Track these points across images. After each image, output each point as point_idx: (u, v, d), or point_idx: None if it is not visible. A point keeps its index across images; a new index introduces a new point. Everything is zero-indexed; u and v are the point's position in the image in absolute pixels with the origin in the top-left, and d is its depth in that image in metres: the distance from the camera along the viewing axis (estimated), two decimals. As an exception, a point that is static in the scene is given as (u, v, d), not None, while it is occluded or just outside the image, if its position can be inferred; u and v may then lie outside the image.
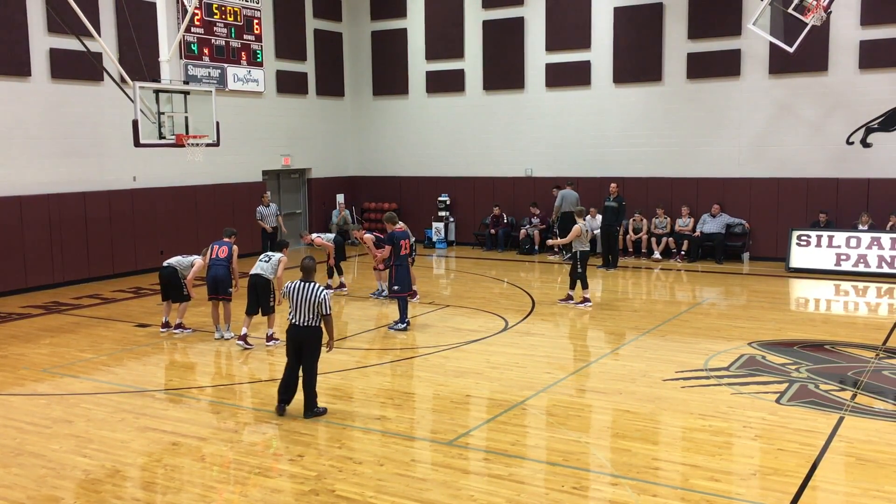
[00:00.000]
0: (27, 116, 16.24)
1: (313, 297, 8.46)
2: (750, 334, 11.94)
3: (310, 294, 8.47)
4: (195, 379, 10.43)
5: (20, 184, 16.13)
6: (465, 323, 13.05)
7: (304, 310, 8.47)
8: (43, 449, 7.81)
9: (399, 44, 23.33)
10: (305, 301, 8.46)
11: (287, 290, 8.64)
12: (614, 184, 18.71)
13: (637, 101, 20.25)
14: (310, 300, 8.46)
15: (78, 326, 13.26)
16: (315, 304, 8.46)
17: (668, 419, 8.41)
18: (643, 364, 10.54)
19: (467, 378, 9.94)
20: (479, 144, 22.42)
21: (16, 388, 9.92)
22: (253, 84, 20.91)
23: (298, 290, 8.53)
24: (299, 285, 8.57)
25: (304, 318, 8.47)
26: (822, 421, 8.21)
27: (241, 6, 20.40)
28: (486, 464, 7.32)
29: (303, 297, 8.47)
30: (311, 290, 8.50)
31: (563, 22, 20.89)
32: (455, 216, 22.90)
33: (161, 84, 14.02)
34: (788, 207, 18.63)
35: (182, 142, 14.10)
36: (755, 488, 6.72)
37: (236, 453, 7.64)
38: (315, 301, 8.46)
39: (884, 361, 10.50)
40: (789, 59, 17.40)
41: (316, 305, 8.46)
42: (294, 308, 8.52)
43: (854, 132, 17.34)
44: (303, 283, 8.58)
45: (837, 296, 15.58)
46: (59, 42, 16.46)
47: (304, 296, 8.47)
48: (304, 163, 23.00)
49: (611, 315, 13.65)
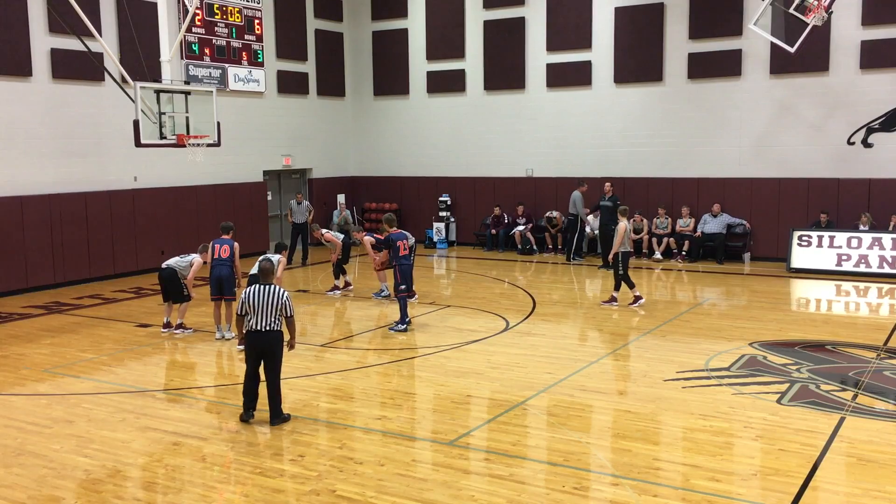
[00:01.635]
0: (28, 116, 16.25)
1: (275, 299, 8.24)
2: (751, 334, 11.93)
3: (271, 297, 8.24)
4: (196, 379, 10.43)
5: (21, 184, 16.14)
6: (466, 323, 13.04)
7: (265, 314, 8.20)
8: (44, 449, 7.81)
9: (400, 44, 23.33)
10: (267, 304, 8.21)
11: (246, 295, 8.29)
12: (608, 183, 18.72)
13: (638, 101, 20.24)
14: (272, 303, 8.22)
15: (79, 326, 13.26)
16: (278, 307, 8.25)
17: (669, 419, 8.40)
18: (644, 364, 10.53)
19: (468, 378, 9.94)
20: (480, 144, 22.42)
21: (17, 389, 9.93)
22: (254, 84, 20.92)
23: (259, 294, 8.25)
24: (259, 289, 8.29)
25: (265, 322, 8.20)
26: (823, 421, 8.20)
27: (242, 6, 20.41)
28: (487, 464, 7.32)
29: (264, 300, 8.21)
30: (273, 293, 8.27)
31: (563, 22, 20.89)
32: (456, 216, 22.90)
33: (162, 84, 14.02)
34: (789, 208, 18.62)
35: (183, 142, 14.10)
36: (756, 489, 6.72)
37: (237, 453, 7.64)
38: (278, 303, 8.25)
39: (885, 362, 10.49)
40: (790, 59, 17.39)
41: (279, 308, 8.25)
42: (255, 313, 8.21)
43: (855, 132, 17.32)
44: (262, 286, 8.32)
45: (838, 296, 15.58)
46: (60, 42, 16.47)
47: (265, 299, 8.21)
48: (305, 163, 23.01)
49: (611, 315, 13.64)
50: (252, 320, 8.23)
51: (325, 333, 12.65)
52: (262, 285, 8.33)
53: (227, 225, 12.70)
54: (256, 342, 8.25)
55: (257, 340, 8.24)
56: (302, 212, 19.86)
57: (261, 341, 8.23)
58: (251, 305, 8.23)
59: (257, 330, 8.21)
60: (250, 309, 8.23)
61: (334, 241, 15.28)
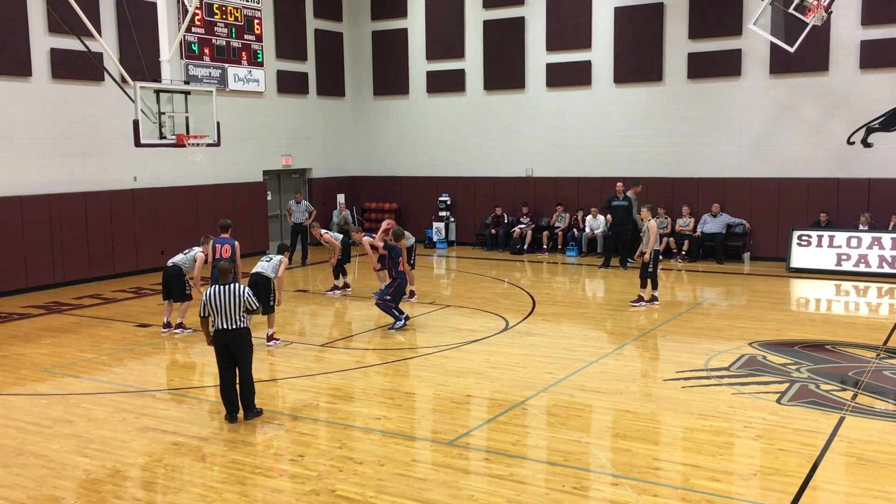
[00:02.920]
0: (28, 116, 16.24)
1: (237, 297, 8.40)
2: (751, 334, 11.93)
3: (232, 295, 8.39)
4: (196, 379, 10.43)
5: (21, 184, 16.14)
6: (466, 323, 13.05)
7: (229, 313, 8.35)
8: (44, 449, 7.81)
9: (399, 44, 23.33)
10: (229, 303, 8.35)
11: (207, 297, 8.43)
12: (620, 183, 18.52)
13: (637, 101, 20.25)
14: (234, 301, 8.37)
15: (78, 326, 13.26)
16: (241, 304, 8.41)
17: (669, 419, 8.40)
18: (644, 364, 10.54)
19: (468, 378, 9.94)
20: (480, 144, 22.42)
21: (16, 388, 9.93)
22: (253, 84, 20.92)
23: (220, 295, 8.39)
24: (219, 290, 8.42)
25: (230, 321, 8.35)
26: (822, 421, 8.20)
27: (242, 6, 20.41)
28: (487, 464, 7.32)
29: (226, 300, 8.35)
30: (234, 291, 8.42)
31: (563, 22, 20.89)
32: (456, 216, 22.90)
33: (162, 84, 14.01)
34: (789, 207, 18.63)
35: (183, 142, 14.10)
36: (756, 488, 6.72)
37: (237, 453, 7.64)
38: (240, 301, 8.40)
39: (884, 361, 10.49)
40: (790, 58, 17.39)
41: (243, 304, 8.42)
42: (218, 313, 8.36)
43: (855, 132, 17.33)
44: (221, 286, 8.45)
45: (838, 296, 15.58)
46: (59, 42, 16.46)
47: (227, 298, 8.35)
48: (305, 163, 23.01)
49: (611, 315, 13.64)
50: (217, 321, 8.38)
51: (325, 333, 12.64)
52: (221, 285, 8.47)
53: (226, 223, 12.70)
54: (224, 341, 8.37)
55: (225, 339, 8.37)
56: (301, 211, 19.88)
57: (228, 339, 8.36)
58: (213, 306, 8.37)
59: (224, 329, 8.36)
60: (213, 310, 8.38)
61: (333, 242, 15.23)
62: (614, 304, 14.62)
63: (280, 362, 10.96)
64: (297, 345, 11.83)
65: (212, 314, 8.41)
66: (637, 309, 13.93)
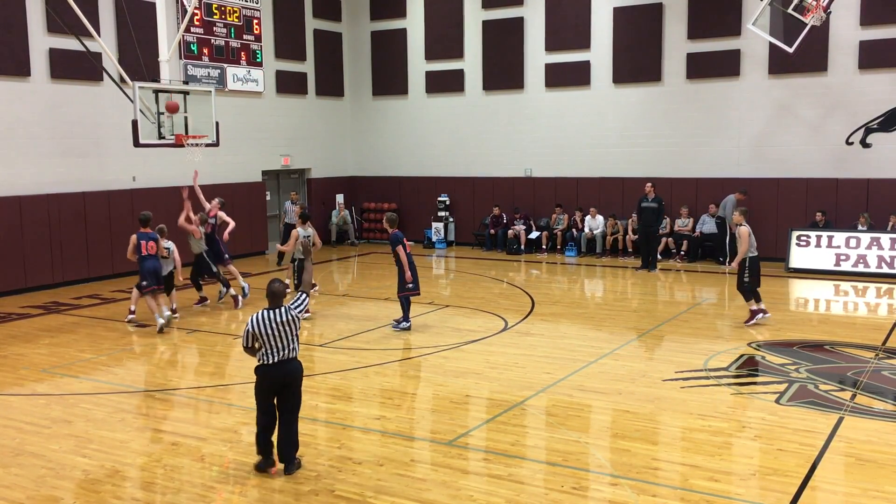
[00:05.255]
0: (27, 116, 16.23)
1: (288, 322, 7.03)
2: (749, 334, 11.94)
3: (285, 319, 7.01)
4: (194, 379, 10.43)
5: (20, 184, 16.13)
6: (465, 323, 13.05)
7: (284, 341, 7.00)
8: (42, 449, 7.81)
9: (399, 44, 23.33)
10: (283, 329, 6.99)
11: (253, 324, 6.98)
12: (650, 184, 18.22)
13: (636, 102, 20.25)
14: (288, 326, 7.03)
15: (77, 326, 13.26)
16: (296, 327, 7.12)
17: (668, 419, 8.41)
18: (643, 364, 10.54)
19: (467, 378, 9.94)
20: (479, 144, 22.42)
21: (15, 389, 9.92)
22: (252, 84, 20.91)
23: (271, 321, 6.97)
24: (270, 315, 7.00)
25: (286, 350, 7.02)
26: (821, 421, 8.21)
27: (241, 6, 20.40)
28: (486, 464, 7.32)
29: (279, 326, 6.97)
30: (284, 316, 7.02)
31: (562, 22, 20.90)
32: (455, 216, 22.90)
33: (160, 84, 14.02)
34: (788, 207, 18.63)
35: (181, 142, 14.09)
36: (755, 488, 6.72)
37: (236, 453, 7.64)
38: (296, 324, 7.11)
39: (883, 362, 10.50)
40: (789, 59, 17.40)
41: (295, 331, 7.10)
42: (271, 344, 6.95)
43: (853, 132, 17.34)
44: (271, 311, 7.03)
45: (837, 296, 15.58)
46: (58, 42, 16.45)
47: (277, 325, 6.96)
48: (304, 163, 23.00)
49: (610, 315, 13.65)
50: (268, 353, 6.97)
51: (324, 333, 12.64)
52: (271, 310, 7.06)
53: (147, 215, 12.82)
54: (279, 375, 7.01)
55: (280, 373, 7.00)
56: (293, 211, 19.54)
57: (278, 374, 7.00)
58: (263, 334, 6.95)
59: (272, 363, 6.99)
60: (263, 339, 6.95)
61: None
62: (614, 304, 14.61)
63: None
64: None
65: (261, 345, 6.98)
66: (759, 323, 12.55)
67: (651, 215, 18.00)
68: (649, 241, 18.26)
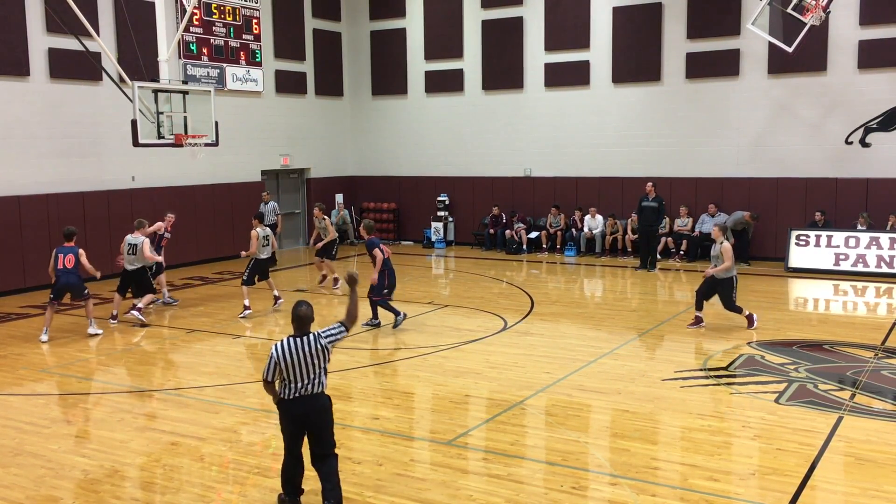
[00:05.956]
0: (26, 116, 16.22)
1: (319, 350, 6.20)
2: (749, 334, 11.93)
3: (312, 349, 6.18)
4: (194, 379, 10.42)
5: (19, 183, 16.13)
6: (464, 323, 13.05)
7: (309, 373, 6.16)
8: (42, 449, 7.80)
9: (398, 43, 23.33)
10: (309, 360, 6.16)
11: (278, 353, 6.15)
12: (650, 183, 18.23)
13: (636, 101, 20.25)
14: (315, 356, 6.18)
15: (76, 326, 13.25)
16: (324, 358, 6.25)
17: (667, 419, 8.41)
18: (642, 364, 10.54)
19: (466, 378, 9.94)
20: (478, 144, 22.42)
21: (15, 388, 9.92)
22: (252, 84, 20.91)
23: (297, 350, 6.16)
24: (295, 343, 6.19)
25: (311, 384, 6.17)
26: (820, 421, 8.21)
27: (240, 6, 20.40)
28: (485, 463, 7.32)
29: (305, 356, 6.15)
30: (313, 343, 6.21)
31: (561, 22, 20.90)
32: (454, 216, 22.89)
33: (160, 84, 14.02)
34: (787, 207, 18.63)
35: (181, 142, 14.10)
36: (754, 488, 6.72)
37: (235, 453, 7.64)
38: (323, 354, 6.24)
39: (882, 361, 10.50)
40: (788, 58, 17.40)
41: (323, 359, 6.24)
42: (294, 375, 6.14)
43: (853, 132, 17.35)
44: (297, 339, 6.22)
45: (836, 295, 15.59)
46: (57, 42, 16.44)
47: (305, 353, 6.15)
48: (303, 163, 23.00)
49: (609, 315, 13.65)
50: (290, 385, 6.16)
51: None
52: (297, 337, 6.24)
53: (70, 230, 12.53)
54: (302, 411, 6.19)
55: (303, 409, 6.18)
56: (269, 212, 18.92)
57: (300, 412, 6.18)
58: (287, 365, 6.14)
59: (297, 397, 6.17)
60: (287, 370, 6.14)
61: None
62: (613, 303, 14.61)
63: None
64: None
65: (285, 375, 6.18)
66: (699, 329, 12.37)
67: (651, 215, 17.99)
68: (649, 241, 18.25)
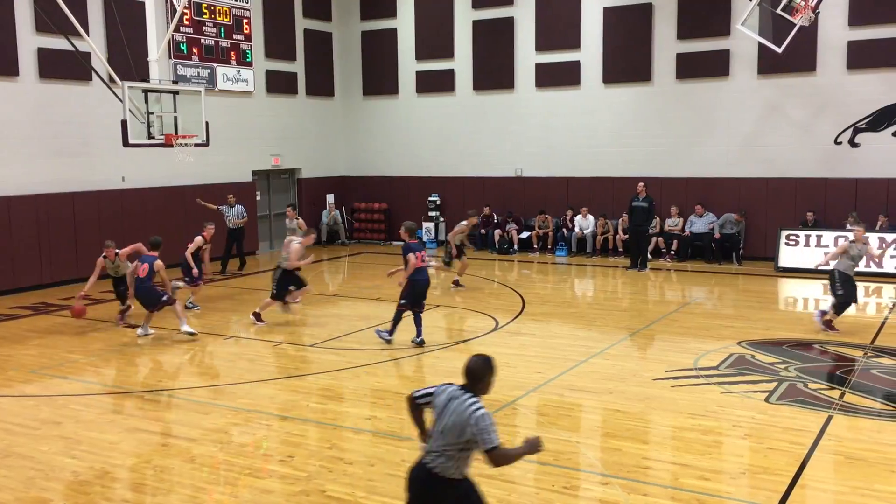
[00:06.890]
0: (15, 116, 16.14)
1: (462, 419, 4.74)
2: (739, 333, 11.98)
3: (457, 412, 4.78)
4: (184, 380, 10.39)
5: (8, 184, 16.04)
6: (456, 323, 13.05)
7: (439, 435, 4.84)
8: (31, 450, 7.76)
9: (389, 44, 23.31)
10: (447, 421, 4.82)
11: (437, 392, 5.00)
12: (641, 183, 18.18)
13: (627, 102, 20.30)
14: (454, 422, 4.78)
15: (66, 327, 13.19)
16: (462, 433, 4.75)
17: (658, 418, 8.43)
18: (633, 363, 10.56)
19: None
20: (469, 144, 22.43)
21: (4, 390, 9.86)
22: (242, 84, 20.86)
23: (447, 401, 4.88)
24: (452, 393, 4.91)
25: (433, 451, 4.87)
26: (811, 419, 8.24)
27: (231, 6, 20.34)
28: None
29: (447, 413, 4.83)
30: (462, 408, 4.77)
31: (552, 22, 20.92)
32: (445, 216, 22.89)
33: (150, 84, 13.97)
34: (777, 207, 18.70)
35: (171, 142, 14.05)
36: (745, 487, 6.75)
37: (226, 454, 7.62)
38: (463, 428, 4.73)
39: (872, 360, 10.56)
40: (778, 59, 17.46)
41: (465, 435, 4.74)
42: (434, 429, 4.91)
43: (842, 132, 17.44)
44: (457, 390, 4.92)
45: (826, 295, 15.62)
46: (47, 42, 16.36)
47: (449, 412, 4.82)
48: (294, 163, 22.96)
49: (601, 314, 13.67)
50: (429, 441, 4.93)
51: (315, 334, 12.62)
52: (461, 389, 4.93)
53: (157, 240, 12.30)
54: (415, 479, 4.95)
55: (416, 477, 4.94)
56: (236, 215, 18.56)
57: (419, 482, 4.92)
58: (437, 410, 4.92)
59: (421, 463, 4.92)
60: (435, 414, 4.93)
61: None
62: (604, 303, 14.64)
63: (269, 362, 10.93)
64: (287, 345, 11.80)
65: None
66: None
67: (641, 214, 18.02)
68: (639, 241, 18.29)
